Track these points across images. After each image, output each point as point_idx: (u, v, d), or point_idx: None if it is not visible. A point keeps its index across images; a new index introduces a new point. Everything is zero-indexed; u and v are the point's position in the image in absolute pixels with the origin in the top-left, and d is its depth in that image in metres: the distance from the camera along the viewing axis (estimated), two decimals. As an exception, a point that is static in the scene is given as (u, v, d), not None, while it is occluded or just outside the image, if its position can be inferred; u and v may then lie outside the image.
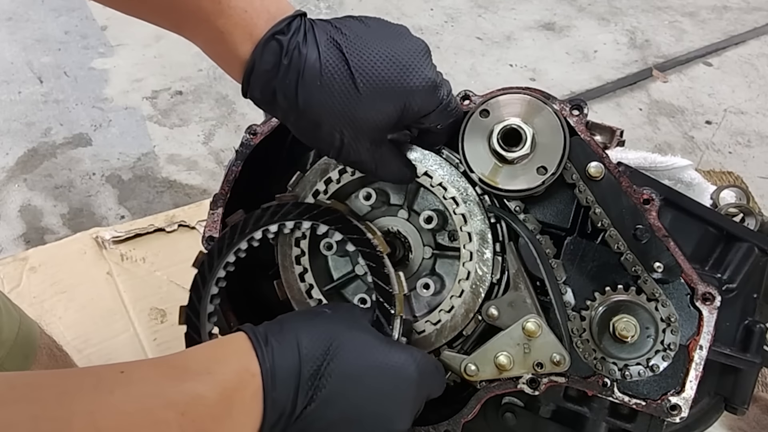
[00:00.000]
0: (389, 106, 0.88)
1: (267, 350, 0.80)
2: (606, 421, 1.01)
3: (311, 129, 0.91)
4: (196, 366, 0.77)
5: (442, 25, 3.38)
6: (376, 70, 0.87)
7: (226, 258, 1.02)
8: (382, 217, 1.09)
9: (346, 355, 0.83)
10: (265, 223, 1.02)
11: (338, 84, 0.86)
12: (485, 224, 1.00)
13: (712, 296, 0.93)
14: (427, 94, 0.90)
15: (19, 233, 2.23)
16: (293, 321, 0.86)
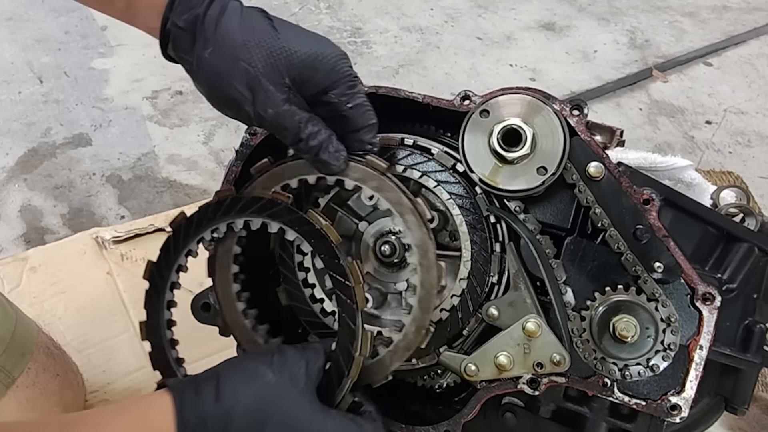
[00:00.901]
0: (303, 52, 0.91)
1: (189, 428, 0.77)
2: (606, 421, 1.01)
3: (226, 68, 0.90)
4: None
5: (442, 25, 3.38)
6: (292, 26, 0.93)
7: (178, 261, 0.99)
8: (383, 218, 1.09)
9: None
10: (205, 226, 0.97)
11: (258, 22, 0.92)
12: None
13: (713, 296, 0.93)
14: (338, 59, 0.94)
15: (19, 233, 2.23)
16: (231, 385, 0.81)
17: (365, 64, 3.06)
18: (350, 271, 0.91)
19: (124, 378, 1.71)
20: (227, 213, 0.96)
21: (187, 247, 0.98)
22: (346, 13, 3.32)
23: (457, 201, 1.01)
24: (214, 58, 0.90)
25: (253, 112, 0.92)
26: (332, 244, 0.91)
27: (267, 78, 0.90)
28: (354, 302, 0.90)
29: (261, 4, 0.97)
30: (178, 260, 0.98)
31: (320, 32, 0.97)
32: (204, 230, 0.97)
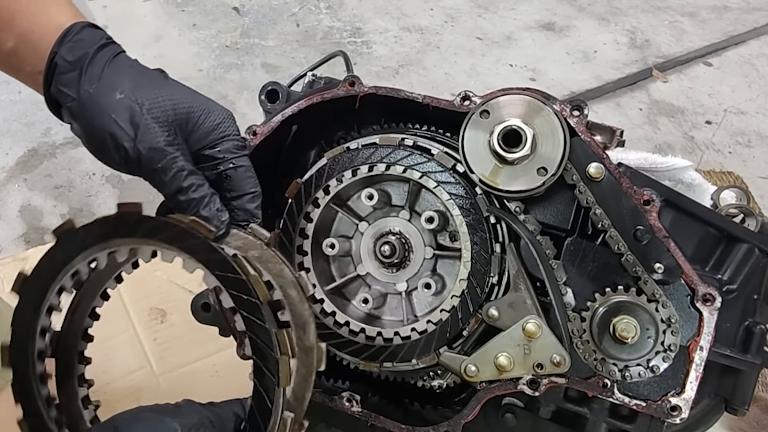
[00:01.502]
0: (193, 104, 0.92)
1: None
2: (606, 422, 1.01)
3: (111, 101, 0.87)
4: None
5: (442, 25, 3.38)
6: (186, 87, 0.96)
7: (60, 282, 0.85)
8: (384, 218, 1.09)
9: None
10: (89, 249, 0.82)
11: (149, 72, 0.93)
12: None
13: (713, 297, 0.93)
14: (225, 117, 0.94)
15: (19, 233, 2.23)
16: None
17: (365, 64, 3.06)
18: (278, 340, 0.78)
19: (124, 378, 1.71)
20: (129, 234, 0.80)
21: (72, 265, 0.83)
22: (346, 13, 3.32)
23: (457, 201, 1.01)
24: (98, 93, 0.88)
25: (133, 150, 0.87)
26: (257, 302, 0.77)
27: (152, 116, 0.88)
28: (275, 377, 0.76)
29: (261, 5, 0.97)
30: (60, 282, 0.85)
31: (320, 32, 0.97)
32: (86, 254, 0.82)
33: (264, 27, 3.22)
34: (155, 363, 1.75)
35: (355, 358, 1.06)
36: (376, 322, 1.09)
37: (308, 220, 1.08)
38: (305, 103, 1.08)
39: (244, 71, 2.97)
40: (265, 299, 0.78)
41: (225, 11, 3.31)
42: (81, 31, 0.91)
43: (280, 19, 3.27)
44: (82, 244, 0.82)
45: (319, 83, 1.20)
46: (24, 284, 0.86)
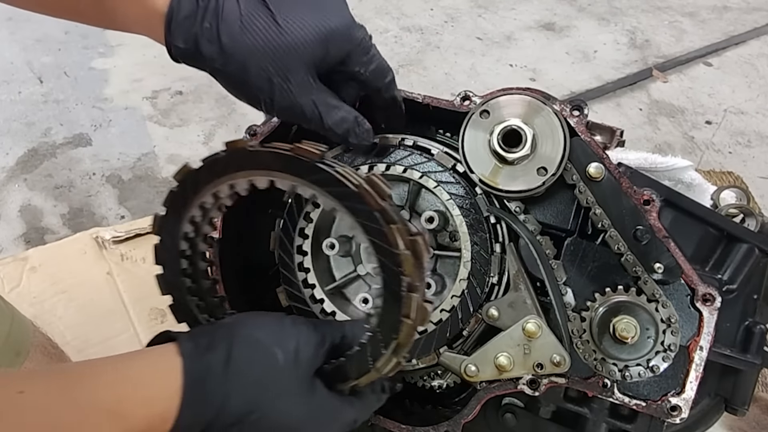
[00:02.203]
0: (311, 38, 0.88)
1: (195, 402, 0.75)
2: (606, 422, 1.01)
3: (240, 74, 0.89)
4: (107, 403, 0.71)
5: (442, 25, 3.38)
6: (295, 8, 0.89)
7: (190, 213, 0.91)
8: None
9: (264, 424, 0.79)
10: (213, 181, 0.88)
11: (259, 21, 0.88)
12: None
13: (713, 297, 0.93)
14: (346, 30, 0.91)
15: (19, 233, 2.23)
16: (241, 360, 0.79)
17: (365, 64, 3.06)
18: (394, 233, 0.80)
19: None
20: (241, 168, 0.86)
21: (198, 199, 0.90)
22: (346, 13, 3.32)
23: (457, 201, 1.01)
24: (225, 69, 0.90)
25: (275, 108, 0.92)
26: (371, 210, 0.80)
27: (279, 76, 0.89)
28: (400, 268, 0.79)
29: (261, 4, 0.97)
30: (190, 212, 0.91)
31: (320, 33, 0.96)
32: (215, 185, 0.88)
33: (264, 27, 3.21)
34: (155, 363, 1.74)
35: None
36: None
37: (308, 220, 1.08)
38: (305, 103, 1.08)
39: (244, 71, 2.96)
40: (376, 205, 0.80)
41: (225, 11, 3.30)
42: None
43: (280, 19, 3.26)
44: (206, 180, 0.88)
45: (319, 83, 1.20)
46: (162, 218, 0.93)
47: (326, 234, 1.12)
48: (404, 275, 0.79)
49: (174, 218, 0.92)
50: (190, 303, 0.96)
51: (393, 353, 0.82)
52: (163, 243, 0.94)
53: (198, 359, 0.77)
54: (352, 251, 1.11)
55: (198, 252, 0.96)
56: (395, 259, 0.79)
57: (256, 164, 0.85)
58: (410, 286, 0.80)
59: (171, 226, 0.92)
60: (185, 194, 0.90)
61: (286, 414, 0.80)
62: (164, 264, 0.94)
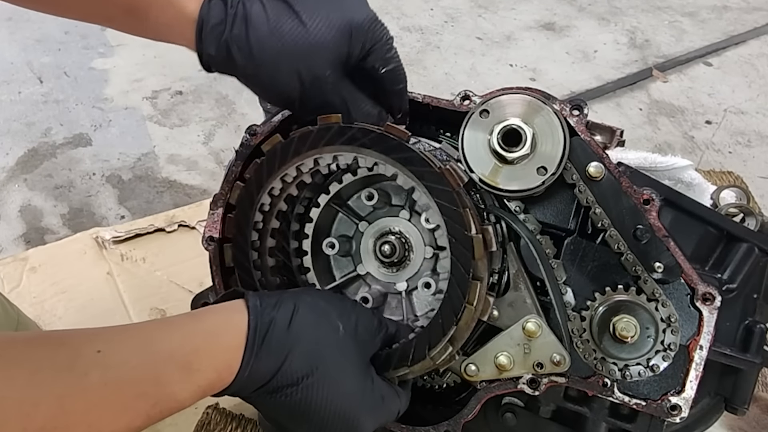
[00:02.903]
0: (337, 36, 0.90)
1: (257, 353, 0.79)
2: (606, 422, 1.01)
3: (271, 77, 0.91)
4: (180, 356, 0.75)
5: (442, 25, 3.38)
6: (318, 6, 0.91)
7: (271, 184, 0.96)
8: (384, 218, 1.09)
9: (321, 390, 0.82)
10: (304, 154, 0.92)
11: (286, 24, 0.89)
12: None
13: (713, 296, 0.93)
14: (369, 25, 0.93)
15: (19, 233, 2.23)
16: (304, 320, 0.84)
17: (365, 64, 3.06)
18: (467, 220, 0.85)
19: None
20: (331, 143, 0.91)
21: (282, 171, 0.94)
22: (346, 13, 3.31)
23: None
24: (257, 74, 0.91)
25: (303, 107, 0.93)
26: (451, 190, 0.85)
27: (310, 75, 0.91)
28: (470, 251, 0.84)
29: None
30: (270, 183, 0.95)
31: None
32: (302, 157, 0.93)
33: (264, 27, 3.20)
34: (155, 363, 1.74)
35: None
36: (376, 322, 1.09)
37: (308, 220, 1.08)
38: (305, 103, 1.08)
39: (244, 71, 2.96)
40: (456, 187, 0.85)
41: (225, 11, 3.30)
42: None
43: (280, 19, 3.26)
44: (296, 152, 0.92)
45: (319, 83, 1.20)
46: (243, 189, 0.97)
47: (326, 234, 1.12)
48: (474, 259, 0.83)
49: (255, 188, 0.95)
50: (254, 276, 0.98)
51: (449, 341, 0.84)
52: (238, 212, 0.97)
53: (263, 313, 0.81)
54: (352, 251, 1.11)
55: (269, 227, 0.99)
56: (467, 242, 0.83)
57: (346, 139, 0.89)
58: (476, 274, 0.82)
59: (250, 196, 0.96)
60: (271, 165, 0.94)
61: (342, 385, 0.83)
62: (236, 234, 0.97)
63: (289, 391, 0.80)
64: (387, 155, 0.88)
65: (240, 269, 0.98)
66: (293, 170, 0.94)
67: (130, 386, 0.71)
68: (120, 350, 0.73)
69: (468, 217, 0.83)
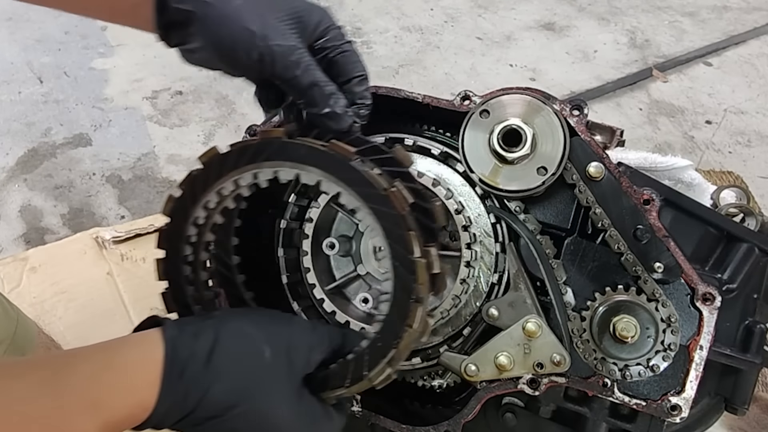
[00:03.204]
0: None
1: (174, 389, 0.73)
2: (606, 422, 1.01)
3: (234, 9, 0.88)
4: (88, 393, 0.71)
5: (442, 25, 3.38)
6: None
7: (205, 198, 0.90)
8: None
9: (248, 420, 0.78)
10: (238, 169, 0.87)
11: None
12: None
13: (713, 296, 0.93)
14: (325, 10, 0.94)
15: (19, 233, 2.23)
16: (226, 354, 0.77)
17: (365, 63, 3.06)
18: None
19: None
20: (272, 158, 0.85)
21: (218, 185, 0.88)
22: (346, 13, 3.32)
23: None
24: (217, 3, 0.88)
25: (266, 49, 0.87)
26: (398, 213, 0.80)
27: (275, 17, 0.89)
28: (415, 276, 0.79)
29: (261, 4, 0.96)
30: (206, 196, 0.90)
31: (320, 32, 0.96)
32: (240, 171, 0.87)
33: (264, 27, 3.21)
34: (155, 363, 1.74)
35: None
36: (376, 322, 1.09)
37: (308, 220, 1.08)
38: (305, 103, 1.08)
39: (244, 71, 2.96)
40: (401, 210, 0.80)
41: (225, 11, 3.30)
42: None
43: (280, 19, 3.26)
44: (232, 166, 0.87)
45: (319, 83, 1.20)
46: (176, 200, 0.92)
47: (326, 234, 1.12)
48: (416, 283, 0.80)
49: (188, 201, 0.91)
50: (186, 292, 0.93)
51: (388, 363, 0.81)
52: (171, 226, 0.92)
53: (181, 346, 0.76)
54: (352, 251, 1.11)
55: (203, 241, 0.94)
56: (411, 266, 0.80)
57: (288, 155, 0.84)
58: (418, 297, 0.80)
59: (183, 209, 0.91)
60: (207, 177, 0.89)
61: (270, 413, 0.79)
62: (167, 248, 0.93)
63: (214, 422, 0.76)
64: (331, 174, 0.83)
65: (171, 284, 0.93)
66: (230, 184, 0.88)
67: (32, 425, 0.67)
68: (22, 386, 0.68)
69: (412, 240, 0.80)
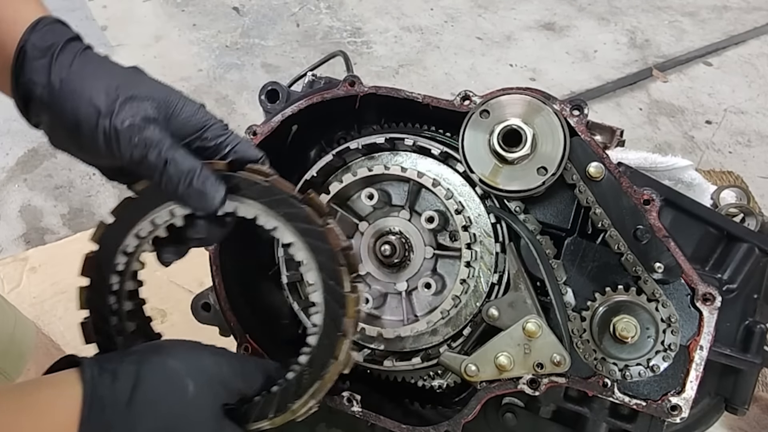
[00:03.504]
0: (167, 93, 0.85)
1: (93, 429, 0.71)
2: (606, 422, 1.01)
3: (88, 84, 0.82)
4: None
5: (442, 25, 3.38)
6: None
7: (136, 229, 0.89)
8: (384, 218, 1.09)
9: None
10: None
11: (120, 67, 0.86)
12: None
13: (713, 297, 0.93)
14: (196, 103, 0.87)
15: (19, 233, 2.23)
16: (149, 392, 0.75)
17: (365, 64, 3.06)
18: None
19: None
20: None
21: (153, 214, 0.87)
22: (346, 13, 3.32)
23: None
24: (70, 78, 0.82)
25: (109, 127, 0.81)
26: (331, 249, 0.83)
27: (129, 96, 0.82)
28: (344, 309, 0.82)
29: (261, 5, 0.97)
30: (139, 225, 0.88)
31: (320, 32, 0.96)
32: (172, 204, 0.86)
33: (264, 27, 3.22)
34: (155, 363, 1.75)
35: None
36: (376, 322, 1.09)
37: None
38: (305, 103, 1.08)
39: (244, 71, 2.97)
40: (336, 247, 0.83)
41: (225, 11, 3.31)
42: (52, 23, 0.86)
43: (280, 19, 3.27)
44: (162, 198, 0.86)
45: (319, 83, 1.20)
46: (107, 227, 0.91)
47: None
48: (345, 316, 0.82)
49: (120, 229, 0.90)
50: (110, 322, 0.91)
51: (312, 395, 0.82)
52: (99, 253, 0.91)
53: (101, 387, 0.73)
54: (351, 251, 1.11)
55: (130, 270, 0.93)
56: (341, 300, 0.82)
57: (228, 188, 0.84)
58: (345, 330, 0.82)
59: (114, 237, 0.90)
60: (141, 206, 0.88)
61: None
62: (93, 276, 0.91)
63: None
64: (271, 209, 0.85)
65: (94, 314, 0.91)
66: (166, 213, 0.87)
67: None
68: None
69: (343, 275, 0.83)
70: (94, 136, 0.81)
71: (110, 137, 0.81)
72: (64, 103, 0.82)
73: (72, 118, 0.82)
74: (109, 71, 0.85)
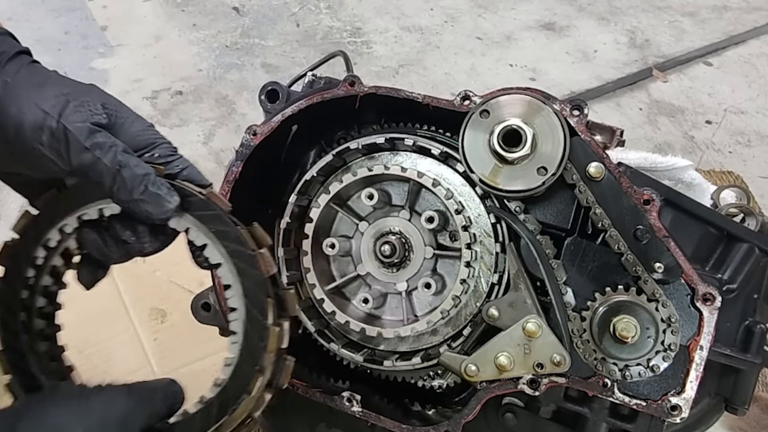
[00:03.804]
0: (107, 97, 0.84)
1: None
2: (606, 422, 1.01)
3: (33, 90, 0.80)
4: None
5: (442, 25, 3.38)
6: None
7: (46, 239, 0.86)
8: (384, 218, 1.09)
9: None
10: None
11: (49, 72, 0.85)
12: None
13: (713, 297, 0.93)
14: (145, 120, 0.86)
15: (19, 233, 2.23)
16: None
17: (365, 64, 3.06)
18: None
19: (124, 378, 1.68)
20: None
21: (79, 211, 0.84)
22: (346, 13, 3.32)
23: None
24: (17, 83, 0.81)
25: (57, 128, 0.78)
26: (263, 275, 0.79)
27: (79, 102, 0.81)
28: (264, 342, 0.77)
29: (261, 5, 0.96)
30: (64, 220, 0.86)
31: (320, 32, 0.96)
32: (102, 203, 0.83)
33: (264, 27, 3.22)
34: (155, 363, 1.75)
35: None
36: (376, 322, 1.09)
37: (308, 220, 1.08)
38: (305, 103, 1.08)
39: (244, 71, 2.97)
40: (265, 273, 0.79)
41: (225, 11, 3.31)
42: (3, 35, 0.85)
43: (280, 19, 3.27)
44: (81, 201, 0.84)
45: (319, 83, 1.20)
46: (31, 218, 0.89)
47: (326, 234, 1.12)
48: (265, 351, 0.77)
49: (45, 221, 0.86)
50: (18, 317, 0.87)
51: (216, 430, 0.78)
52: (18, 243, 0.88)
53: None
54: (352, 251, 1.11)
55: (49, 265, 0.89)
56: (263, 332, 0.78)
57: None
58: (261, 366, 0.77)
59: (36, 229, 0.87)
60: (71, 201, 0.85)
61: None
62: (8, 266, 0.87)
63: None
64: (203, 224, 0.80)
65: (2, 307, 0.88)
66: (94, 212, 0.83)
67: None
68: None
69: (269, 306, 0.78)
70: (36, 139, 0.79)
71: (58, 139, 0.78)
72: (8, 107, 0.79)
73: (14, 121, 0.79)
74: (60, 81, 0.84)
